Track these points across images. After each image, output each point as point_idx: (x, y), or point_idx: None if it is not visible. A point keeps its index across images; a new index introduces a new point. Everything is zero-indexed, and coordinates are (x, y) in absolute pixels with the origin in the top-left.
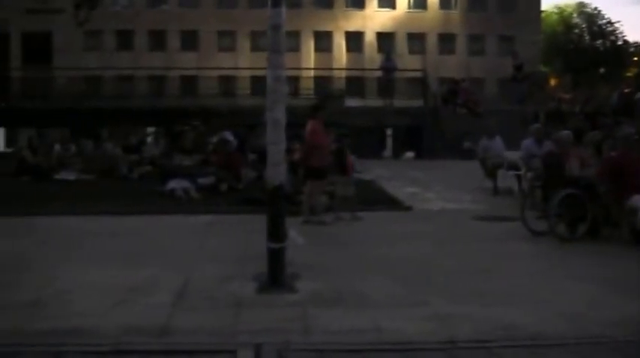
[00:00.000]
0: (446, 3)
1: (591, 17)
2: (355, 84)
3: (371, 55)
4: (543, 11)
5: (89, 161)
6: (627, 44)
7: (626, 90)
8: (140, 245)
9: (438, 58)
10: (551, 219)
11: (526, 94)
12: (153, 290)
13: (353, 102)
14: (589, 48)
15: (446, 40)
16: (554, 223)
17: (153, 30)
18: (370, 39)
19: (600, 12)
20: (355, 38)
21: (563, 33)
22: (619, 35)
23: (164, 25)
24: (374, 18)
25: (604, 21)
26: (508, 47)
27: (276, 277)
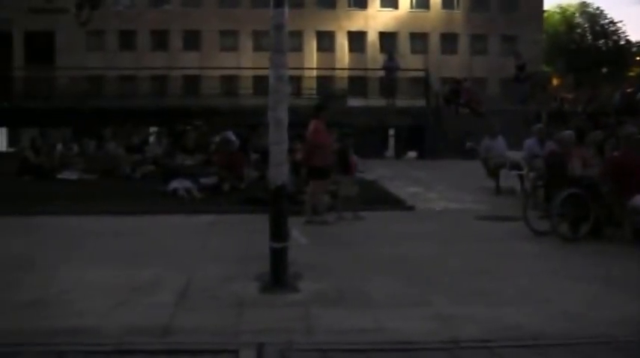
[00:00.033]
0: (448, 3)
1: (594, 17)
2: (358, 84)
3: (373, 55)
4: (546, 11)
5: (91, 161)
6: (630, 44)
7: (628, 89)
8: (142, 245)
9: (441, 58)
10: (553, 219)
11: (528, 94)
12: (155, 289)
13: (355, 102)
14: (591, 48)
15: (448, 40)
16: (556, 223)
17: (155, 30)
18: (372, 39)
19: (603, 12)
20: (358, 38)
21: (565, 33)
22: (621, 35)
23: (166, 25)
24: (376, 18)
25: (606, 21)
26: (510, 47)
27: (278, 277)
